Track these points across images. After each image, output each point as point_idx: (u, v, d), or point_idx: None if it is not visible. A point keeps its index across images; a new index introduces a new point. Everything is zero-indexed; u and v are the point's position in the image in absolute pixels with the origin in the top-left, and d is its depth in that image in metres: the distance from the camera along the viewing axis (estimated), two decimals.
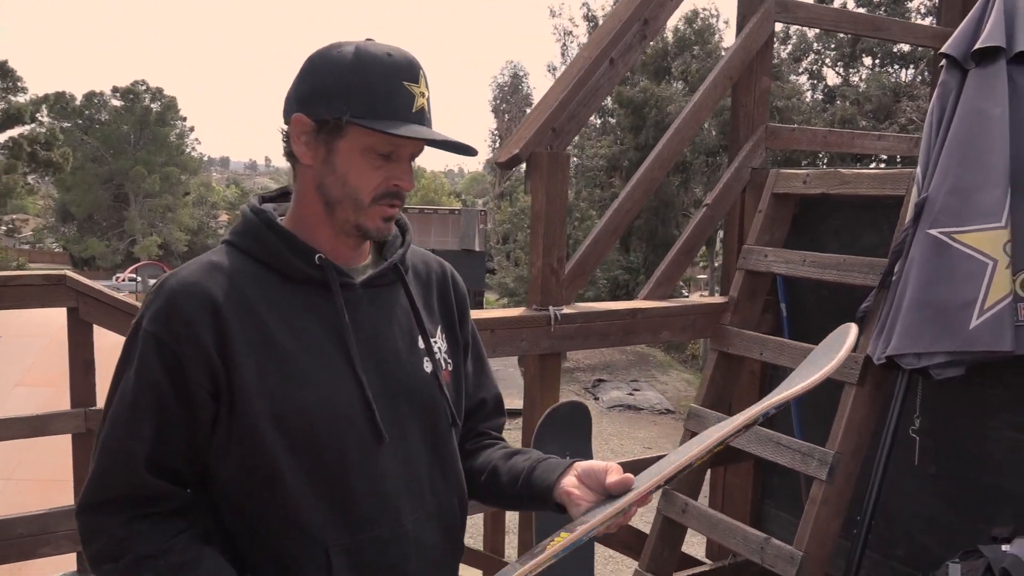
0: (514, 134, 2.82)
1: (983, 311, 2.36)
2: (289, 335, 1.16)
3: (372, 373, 1.20)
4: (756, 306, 3.23)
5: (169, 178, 38.98)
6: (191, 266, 1.19)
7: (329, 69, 1.16)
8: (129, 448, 1.13)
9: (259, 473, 1.14)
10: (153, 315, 1.14)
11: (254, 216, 1.22)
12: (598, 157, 21.57)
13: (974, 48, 2.48)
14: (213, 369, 1.12)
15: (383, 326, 1.24)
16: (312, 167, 1.19)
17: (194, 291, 1.14)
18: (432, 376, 1.28)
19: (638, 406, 16.35)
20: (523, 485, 1.27)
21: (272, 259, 1.19)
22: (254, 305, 1.15)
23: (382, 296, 1.26)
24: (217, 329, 1.13)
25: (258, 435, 1.13)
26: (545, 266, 2.75)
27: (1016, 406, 2.59)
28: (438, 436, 1.28)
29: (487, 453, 1.38)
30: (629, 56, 2.96)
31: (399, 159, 1.18)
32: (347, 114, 1.13)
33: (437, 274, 1.38)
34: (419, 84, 1.16)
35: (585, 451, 2.85)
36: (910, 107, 17.65)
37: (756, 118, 3.37)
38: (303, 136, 1.18)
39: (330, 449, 1.16)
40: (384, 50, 1.16)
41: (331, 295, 1.20)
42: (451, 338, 1.36)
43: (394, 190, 1.19)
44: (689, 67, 20.07)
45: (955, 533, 2.74)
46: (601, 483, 1.17)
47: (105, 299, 2.57)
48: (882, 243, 2.93)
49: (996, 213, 2.38)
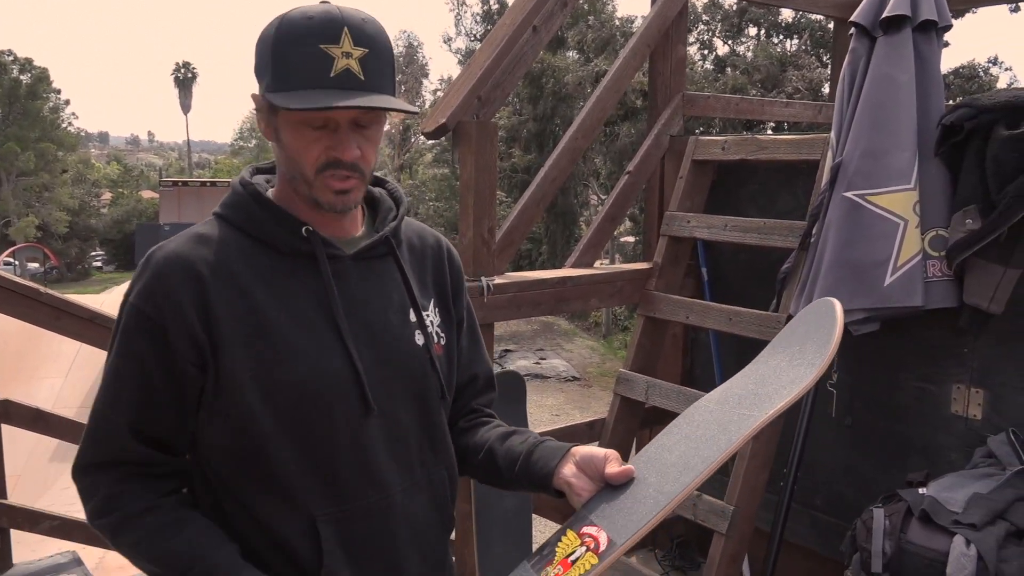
0: (439, 103, 2.77)
1: (896, 269, 2.49)
2: (277, 307, 1.15)
3: (362, 345, 1.19)
4: (679, 271, 3.31)
5: (44, 155, 36.63)
6: (179, 239, 1.18)
7: (260, 45, 1.14)
8: (113, 416, 1.15)
9: (247, 444, 1.13)
10: (140, 289, 1.14)
11: (242, 189, 1.21)
12: (497, 128, 21.56)
13: (882, 16, 2.58)
14: (198, 341, 1.11)
15: (374, 298, 1.23)
16: (274, 143, 1.19)
17: (179, 263, 1.13)
18: (423, 349, 1.26)
19: (545, 374, 16.59)
20: (521, 469, 1.27)
21: (260, 232, 1.18)
22: (241, 277, 1.14)
23: (374, 268, 1.25)
24: (202, 301, 1.12)
25: (246, 407, 1.12)
26: (476, 236, 2.73)
27: (924, 358, 2.75)
28: (427, 409, 1.27)
29: (482, 432, 1.37)
30: (551, 23, 2.94)
31: (337, 127, 1.13)
32: (266, 91, 1.12)
33: (432, 248, 1.37)
34: (340, 44, 1.10)
35: (521, 420, 2.87)
36: (796, 76, 18.34)
37: (673, 86, 3.43)
38: (260, 113, 1.18)
39: (318, 421, 1.15)
40: (307, 13, 1.11)
41: (319, 267, 1.18)
42: (444, 312, 1.35)
43: (334, 160, 1.14)
44: (585, 37, 20.23)
45: (870, 480, 2.90)
46: (600, 471, 1.18)
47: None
48: (797, 206, 3.05)
49: (906, 175, 2.49)
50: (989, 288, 2.40)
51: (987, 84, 17.89)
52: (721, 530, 2.71)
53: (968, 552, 2.03)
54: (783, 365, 1.18)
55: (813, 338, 1.18)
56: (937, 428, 2.71)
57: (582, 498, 1.18)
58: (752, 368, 1.24)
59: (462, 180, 2.77)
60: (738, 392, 1.20)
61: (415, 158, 31.29)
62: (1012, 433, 2.38)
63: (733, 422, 1.13)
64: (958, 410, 2.65)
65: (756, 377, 1.21)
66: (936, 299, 2.50)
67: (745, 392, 1.19)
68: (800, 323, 1.25)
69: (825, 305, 1.22)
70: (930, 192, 2.50)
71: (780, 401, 1.10)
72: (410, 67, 34.35)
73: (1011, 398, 2.52)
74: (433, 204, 23.71)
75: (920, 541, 2.15)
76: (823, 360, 1.10)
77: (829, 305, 1.20)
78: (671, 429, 1.23)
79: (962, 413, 2.64)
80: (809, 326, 1.22)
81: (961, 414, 2.64)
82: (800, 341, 1.20)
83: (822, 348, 1.14)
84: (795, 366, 1.15)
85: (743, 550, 2.77)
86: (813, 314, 1.24)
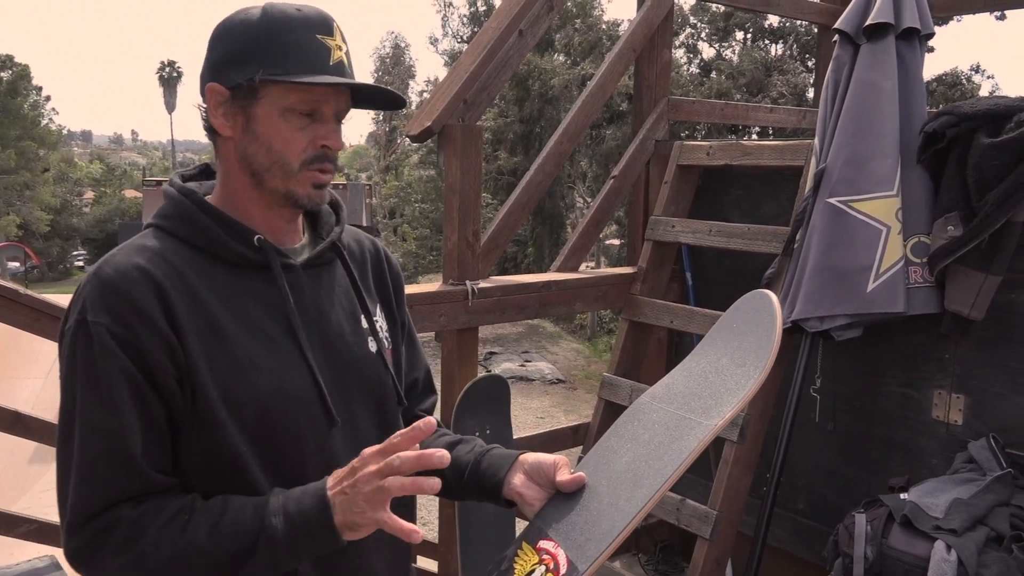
0: (425, 106, 2.76)
1: (879, 275, 2.50)
2: (233, 321, 1.10)
3: (319, 356, 1.16)
4: (664, 275, 3.32)
5: (25, 153, 36.26)
6: (124, 252, 1.10)
7: (238, 32, 1.11)
8: (122, 449, 1.04)
9: (225, 463, 1.09)
10: (101, 308, 1.05)
11: (183, 198, 1.14)
12: (483, 131, 21.56)
13: (865, 24, 2.60)
14: (174, 353, 1.06)
15: (326, 307, 1.20)
16: (233, 138, 1.13)
17: (137, 276, 1.06)
18: (378, 355, 1.25)
19: (530, 377, 16.59)
20: (470, 479, 1.26)
21: (207, 243, 1.12)
22: (197, 290, 1.09)
23: (322, 276, 1.22)
24: (168, 313, 1.06)
25: (219, 424, 1.08)
26: (461, 240, 2.72)
27: (906, 364, 2.77)
28: (386, 416, 1.26)
29: (427, 442, 1.35)
30: (537, 27, 2.94)
31: (324, 117, 1.12)
32: (259, 73, 1.08)
33: (371, 252, 1.35)
34: (334, 37, 1.12)
35: (505, 424, 2.86)
36: (780, 81, 18.46)
37: (658, 91, 3.43)
38: (220, 107, 1.12)
39: (284, 436, 1.12)
40: (293, 6, 1.12)
41: (272, 277, 1.14)
42: (389, 317, 1.33)
43: (322, 151, 1.13)
44: (572, 39, 20.28)
45: (852, 485, 2.92)
46: (550, 479, 1.17)
47: None
48: (781, 212, 3.06)
49: (888, 182, 2.51)
50: (970, 294, 2.41)
51: (970, 91, 18.06)
52: (704, 534, 2.72)
53: (949, 557, 2.04)
54: (725, 363, 1.15)
55: (752, 333, 1.15)
56: (918, 433, 2.73)
57: (534, 508, 1.17)
58: (693, 362, 1.21)
59: (447, 183, 2.77)
60: (681, 389, 1.18)
61: (401, 160, 31.24)
62: (992, 439, 2.40)
63: (683, 428, 1.11)
64: (939, 415, 2.67)
65: (699, 374, 1.18)
66: (918, 305, 2.51)
67: (689, 391, 1.16)
68: (736, 315, 1.22)
69: (760, 297, 1.19)
70: (912, 199, 2.52)
71: (729, 409, 1.08)
72: (397, 68, 34.30)
73: (991, 404, 2.54)
74: (419, 206, 23.66)
75: (901, 546, 2.16)
76: (767, 362, 1.09)
77: (764, 297, 1.18)
78: (616, 429, 1.21)
79: (943, 418, 2.66)
80: (747, 319, 1.19)
81: (942, 419, 2.66)
82: (738, 337, 1.18)
83: (763, 347, 1.12)
84: (738, 366, 1.13)
85: (726, 554, 2.78)
86: (748, 306, 1.21)
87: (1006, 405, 2.51)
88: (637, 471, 1.10)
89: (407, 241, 22.52)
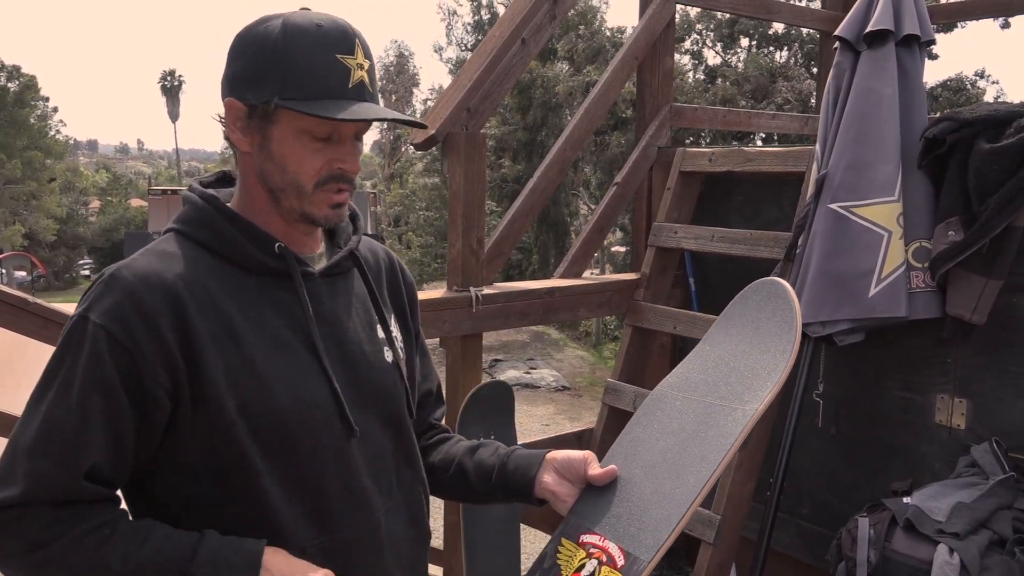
0: (429, 114, 2.79)
1: (880, 280, 2.51)
2: (252, 329, 1.10)
3: (337, 365, 1.16)
4: (667, 281, 3.33)
5: (32, 163, 36.38)
6: (144, 256, 1.10)
7: (255, 48, 1.08)
8: (72, 456, 1.02)
9: (233, 475, 1.08)
10: (106, 309, 1.04)
11: (206, 203, 1.14)
12: (486, 138, 21.58)
13: (865, 31, 2.62)
14: (174, 367, 1.04)
15: (344, 316, 1.20)
16: (250, 154, 1.13)
17: (154, 283, 1.06)
18: (393, 366, 1.25)
19: (535, 384, 16.57)
20: (498, 482, 1.27)
21: (228, 249, 1.12)
22: (216, 298, 1.08)
23: (339, 285, 1.21)
24: (180, 324, 1.05)
25: (230, 435, 1.06)
26: (465, 247, 2.74)
27: (908, 368, 2.78)
28: (399, 426, 1.26)
29: (445, 448, 1.37)
30: (540, 36, 2.97)
31: (341, 140, 1.11)
32: (276, 97, 1.06)
33: (385, 263, 1.35)
34: (355, 55, 1.09)
35: (509, 430, 2.87)
36: (785, 87, 18.46)
37: (661, 98, 3.45)
38: (237, 122, 1.12)
39: (303, 447, 1.11)
40: (314, 21, 1.08)
41: (292, 286, 1.14)
42: (403, 327, 1.34)
43: (338, 173, 1.12)
44: (575, 47, 20.31)
45: (855, 489, 2.92)
46: (580, 475, 1.19)
47: None
48: (782, 217, 3.08)
49: (890, 187, 2.52)
50: (972, 299, 2.42)
51: (974, 96, 18.05)
52: (708, 539, 2.72)
53: (951, 561, 2.05)
54: (744, 350, 1.15)
55: (770, 320, 1.15)
56: (921, 437, 2.74)
57: (567, 504, 1.19)
58: (705, 351, 1.21)
59: (451, 191, 2.79)
60: (702, 378, 1.17)
61: (405, 167, 31.29)
62: (995, 443, 2.41)
63: (716, 416, 1.10)
64: (942, 420, 2.67)
65: (716, 363, 1.17)
66: (920, 310, 2.52)
67: (711, 379, 1.16)
68: (748, 304, 1.22)
69: (771, 285, 1.19)
70: (914, 204, 2.53)
71: (766, 393, 1.08)
72: (401, 76, 34.41)
73: (994, 408, 2.55)
74: (423, 214, 23.69)
75: (904, 550, 2.17)
76: (793, 346, 1.09)
77: (776, 284, 1.18)
78: (639, 420, 1.21)
79: (946, 423, 2.66)
80: (760, 307, 1.19)
81: (945, 424, 2.67)
82: (753, 324, 1.17)
83: (786, 332, 1.11)
84: (761, 352, 1.12)
85: (730, 559, 2.79)
86: (758, 295, 1.21)
87: (1008, 409, 2.52)
88: (677, 460, 1.09)
89: (412, 249, 22.54)
